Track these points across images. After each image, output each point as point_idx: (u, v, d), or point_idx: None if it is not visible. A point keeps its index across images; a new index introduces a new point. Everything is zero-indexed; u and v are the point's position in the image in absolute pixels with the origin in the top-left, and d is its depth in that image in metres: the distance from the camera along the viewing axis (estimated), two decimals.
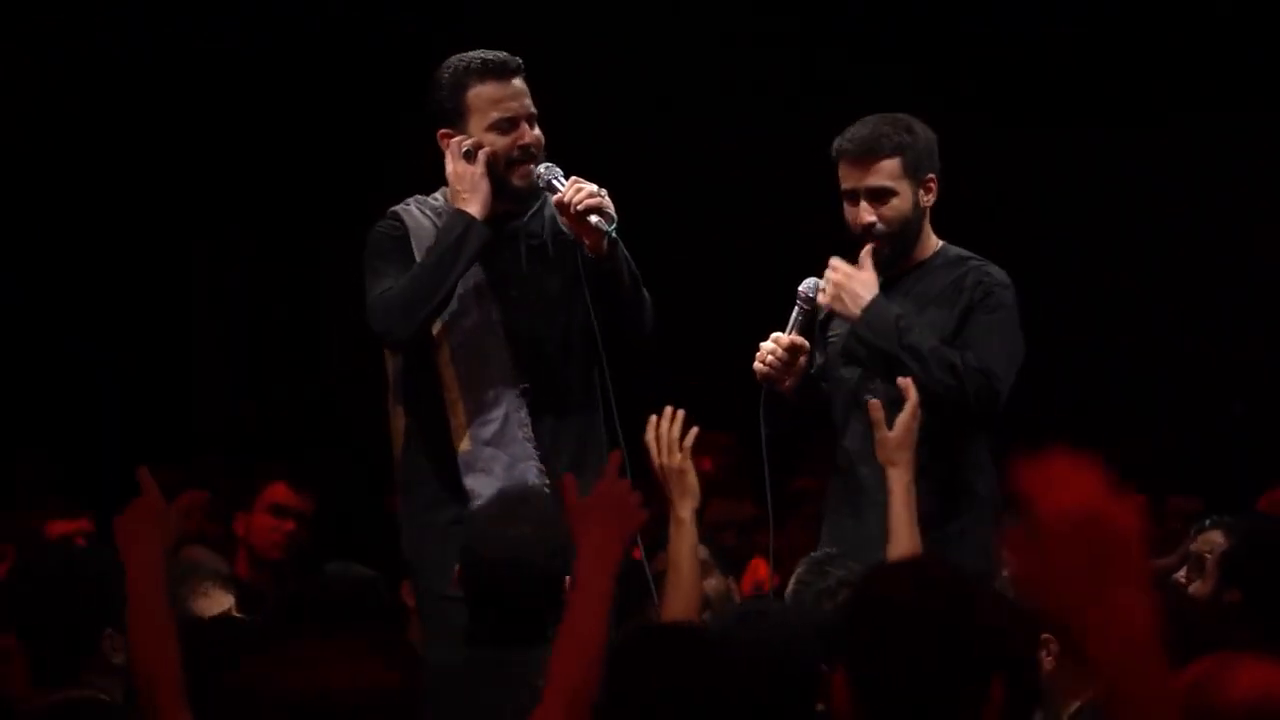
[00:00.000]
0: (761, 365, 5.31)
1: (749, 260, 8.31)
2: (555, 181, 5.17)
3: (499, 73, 5.19)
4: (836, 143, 5.34)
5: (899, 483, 4.87)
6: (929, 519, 5.13)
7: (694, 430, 4.77)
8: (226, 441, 8.63)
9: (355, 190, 5.58)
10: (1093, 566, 2.15)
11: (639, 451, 4.78)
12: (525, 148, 5.19)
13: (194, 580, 5.09)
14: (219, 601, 5.02)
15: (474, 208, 5.16)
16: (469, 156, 5.17)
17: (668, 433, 4.72)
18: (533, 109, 5.21)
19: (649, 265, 5.29)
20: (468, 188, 5.17)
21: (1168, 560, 6.37)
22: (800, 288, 5.36)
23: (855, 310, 5.25)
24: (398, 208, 5.32)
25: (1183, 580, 5.49)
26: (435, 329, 5.21)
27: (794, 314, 5.35)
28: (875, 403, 4.95)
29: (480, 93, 5.19)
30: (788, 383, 5.33)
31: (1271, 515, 6.43)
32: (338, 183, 8.75)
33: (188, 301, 9.70)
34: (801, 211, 6.34)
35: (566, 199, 5.10)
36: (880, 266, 5.32)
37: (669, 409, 4.74)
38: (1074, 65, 9.08)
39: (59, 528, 6.31)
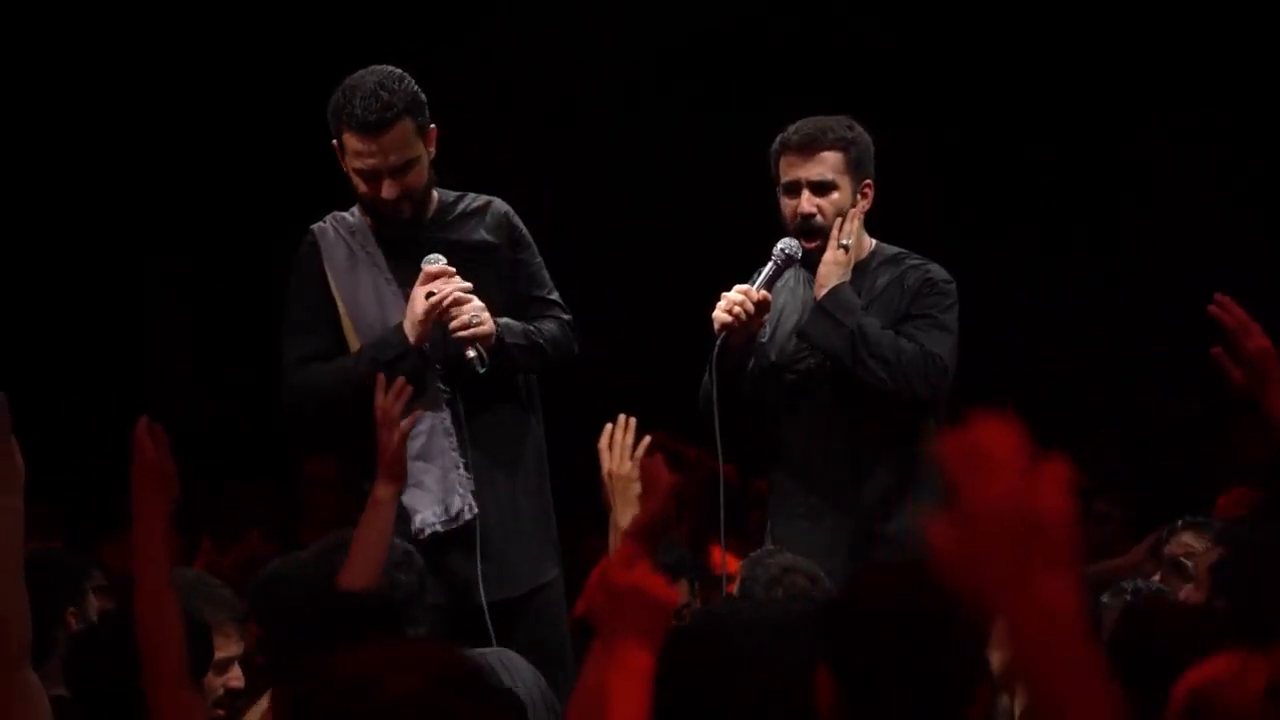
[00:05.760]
0: (726, 315, 5.22)
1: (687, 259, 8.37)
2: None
3: (364, 129, 5.14)
4: (780, 137, 5.36)
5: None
6: (881, 511, 5.15)
7: (646, 439, 4.76)
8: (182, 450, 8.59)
9: (305, 196, 5.59)
10: (1015, 551, 2.07)
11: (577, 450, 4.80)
12: (383, 202, 5.19)
13: (210, 609, 4.75)
14: (227, 647, 4.71)
15: (411, 331, 5.17)
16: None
17: (621, 440, 4.71)
18: (397, 162, 5.15)
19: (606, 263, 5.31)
20: (410, 316, 5.18)
21: (1128, 559, 6.37)
22: (778, 245, 5.32)
23: (825, 284, 5.24)
24: (315, 225, 5.36)
25: (1157, 582, 5.44)
26: (356, 345, 5.26)
27: (768, 269, 5.29)
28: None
29: (347, 140, 5.19)
30: (739, 341, 5.28)
31: (1244, 518, 6.43)
32: (288, 189, 8.74)
33: (138, 308, 9.69)
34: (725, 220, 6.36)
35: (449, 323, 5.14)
36: (812, 267, 5.35)
37: (623, 417, 4.73)
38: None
39: None
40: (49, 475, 4.36)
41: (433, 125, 5.25)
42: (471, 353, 5.12)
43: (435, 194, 5.37)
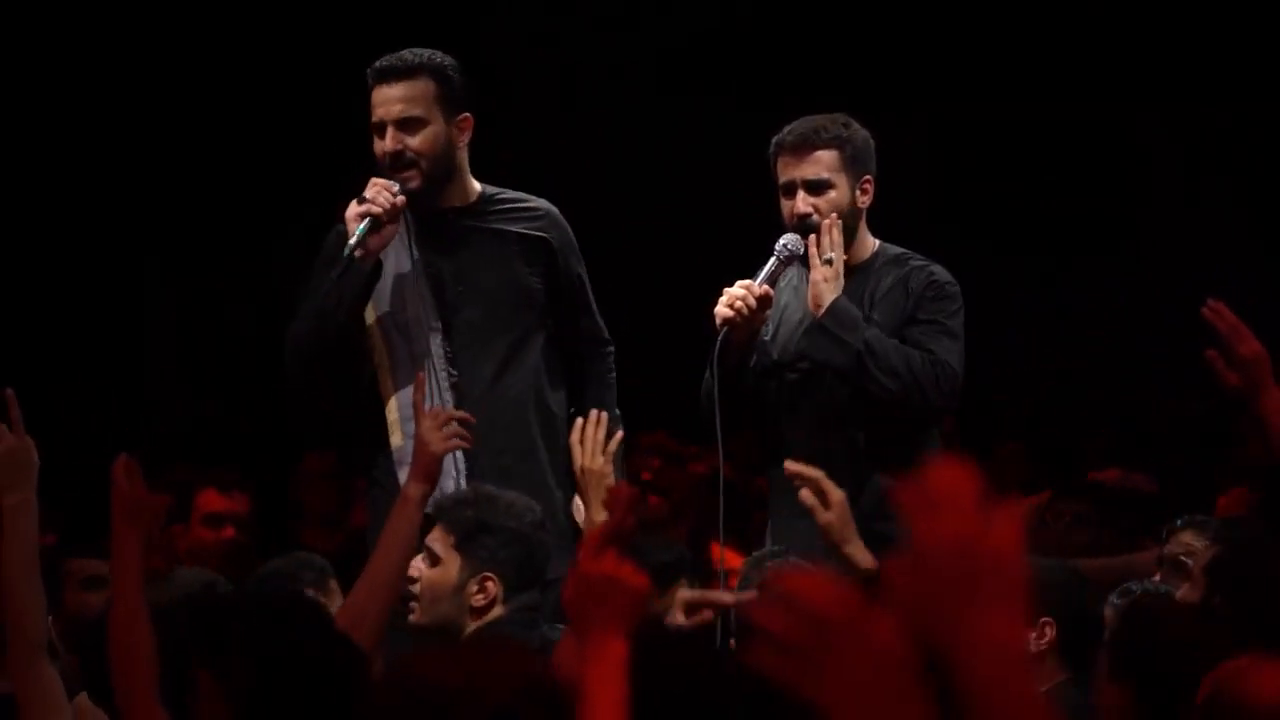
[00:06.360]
0: (728, 310, 5.22)
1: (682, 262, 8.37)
2: None
3: (379, 76, 5.23)
4: (775, 138, 5.35)
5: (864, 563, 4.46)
6: (880, 511, 5.16)
7: (619, 435, 4.74)
8: (179, 449, 8.60)
9: (305, 197, 5.60)
10: (965, 589, 2.10)
11: None
12: (388, 157, 5.19)
13: None
14: None
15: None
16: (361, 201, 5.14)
17: (593, 436, 4.69)
18: (401, 113, 5.18)
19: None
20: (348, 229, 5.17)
21: (1142, 555, 6.36)
22: (780, 241, 5.31)
23: (822, 302, 5.23)
24: None
25: (1157, 582, 5.45)
26: (370, 319, 5.24)
27: (770, 265, 5.27)
28: (805, 492, 4.41)
29: (371, 95, 5.25)
30: (741, 336, 5.28)
31: (1246, 518, 6.43)
32: (288, 190, 8.74)
33: (138, 308, 9.69)
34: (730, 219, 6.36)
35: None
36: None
37: (594, 412, 4.72)
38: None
39: None
40: (47, 474, 4.38)
41: (468, 114, 5.26)
42: (353, 240, 5.08)
43: (478, 186, 5.35)
